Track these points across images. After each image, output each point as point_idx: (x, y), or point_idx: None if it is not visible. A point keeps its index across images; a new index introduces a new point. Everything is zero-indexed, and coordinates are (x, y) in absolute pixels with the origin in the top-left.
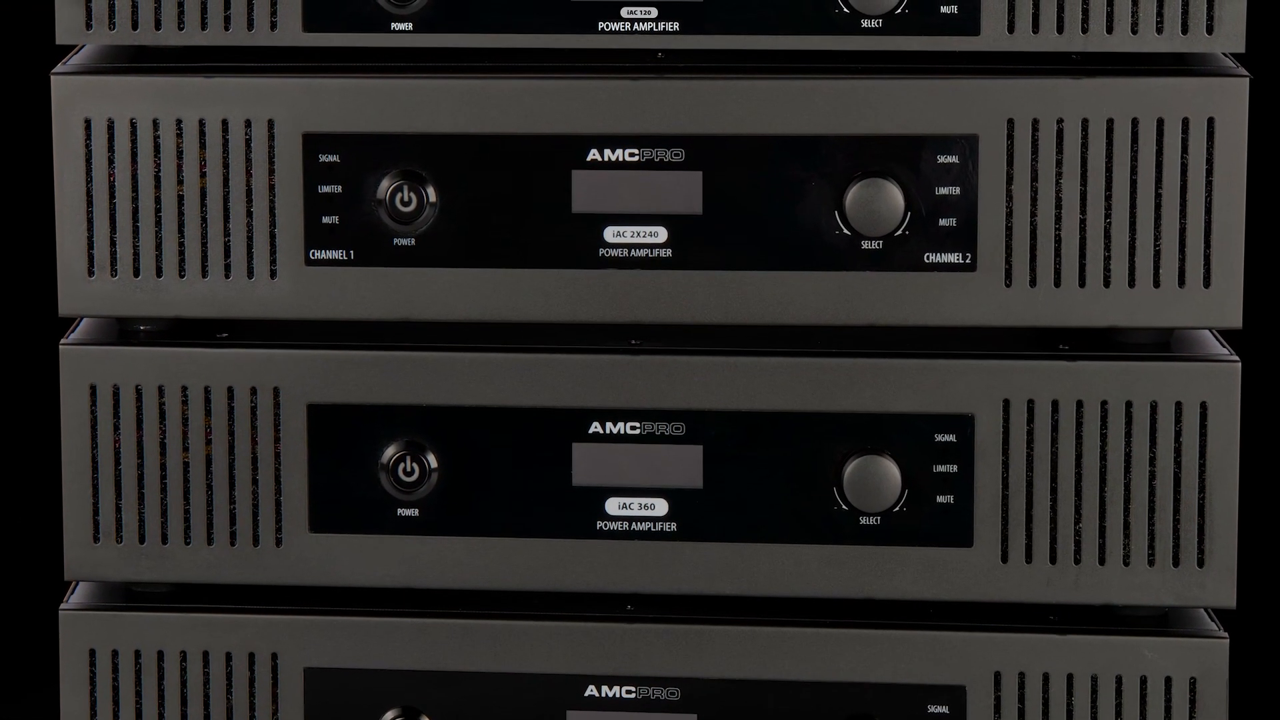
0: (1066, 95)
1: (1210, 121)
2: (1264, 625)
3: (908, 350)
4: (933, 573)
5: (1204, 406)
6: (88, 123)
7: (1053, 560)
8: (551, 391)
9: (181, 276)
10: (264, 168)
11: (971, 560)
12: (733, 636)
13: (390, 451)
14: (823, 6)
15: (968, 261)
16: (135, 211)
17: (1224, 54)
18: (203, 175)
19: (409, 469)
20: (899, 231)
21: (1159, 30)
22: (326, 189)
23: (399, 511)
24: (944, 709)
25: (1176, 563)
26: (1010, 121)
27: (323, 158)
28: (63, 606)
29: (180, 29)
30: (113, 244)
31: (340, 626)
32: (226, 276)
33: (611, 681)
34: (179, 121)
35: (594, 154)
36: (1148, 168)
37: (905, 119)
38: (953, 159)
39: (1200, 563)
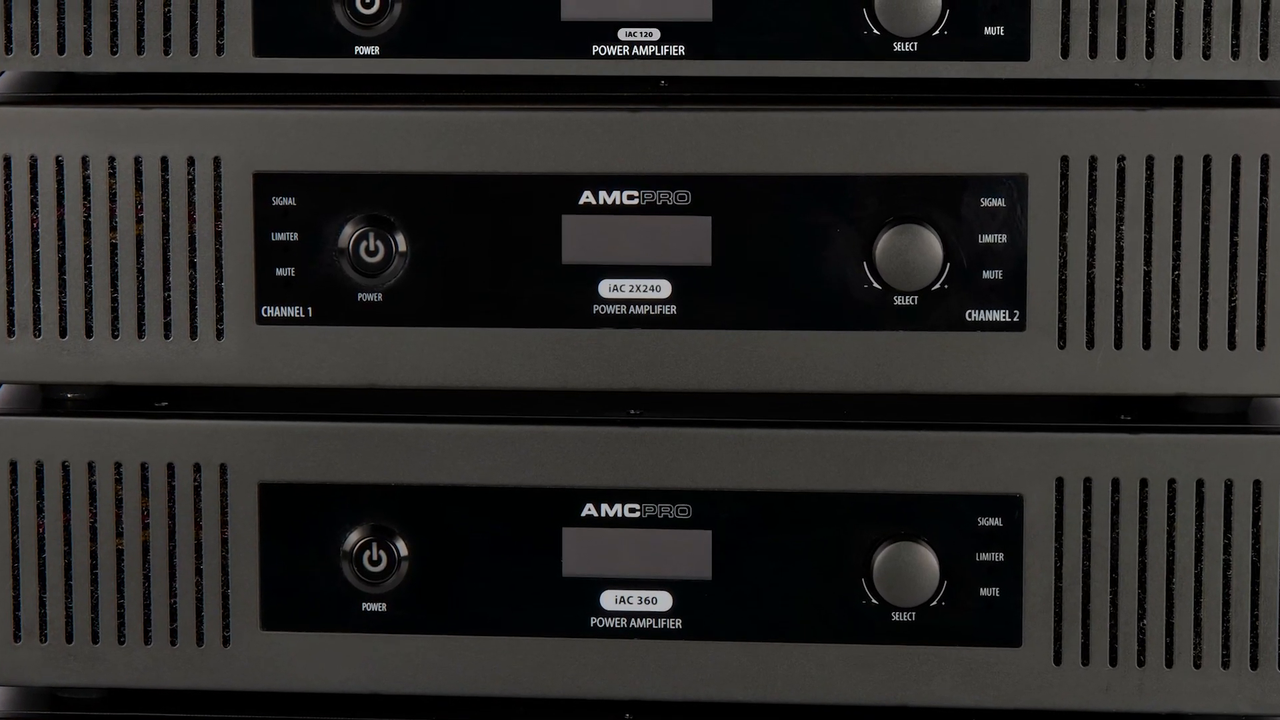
0: (1129, 129)
1: None
2: None
3: (947, 422)
4: (976, 676)
5: None
6: (7, 160)
7: (1113, 662)
8: (539, 469)
9: (115, 337)
10: (209, 212)
11: (1020, 662)
12: None
13: (354, 538)
14: (850, 28)
15: (1015, 320)
16: (62, 262)
17: None
18: (139, 221)
19: (375, 557)
20: (937, 285)
21: (1234, 55)
22: (281, 237)
23: (364, 606)
24: None
25: (1254, 665)
26: (1064, 159)
27: (276, 200)
28: None
29: (114, 53)
30: (36, 300)
31: None
32: (166, 337)
33: None
34: (112, 159)
35: (588, 197)
36: (1221, 212)
37: (944, 156)
38: (999, 202)
39: None
